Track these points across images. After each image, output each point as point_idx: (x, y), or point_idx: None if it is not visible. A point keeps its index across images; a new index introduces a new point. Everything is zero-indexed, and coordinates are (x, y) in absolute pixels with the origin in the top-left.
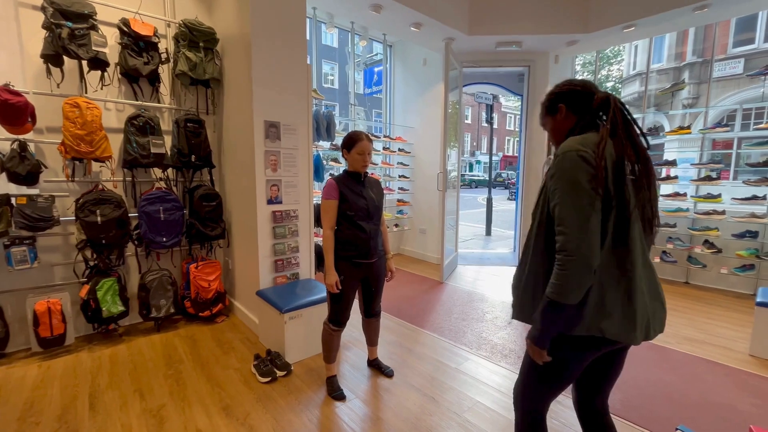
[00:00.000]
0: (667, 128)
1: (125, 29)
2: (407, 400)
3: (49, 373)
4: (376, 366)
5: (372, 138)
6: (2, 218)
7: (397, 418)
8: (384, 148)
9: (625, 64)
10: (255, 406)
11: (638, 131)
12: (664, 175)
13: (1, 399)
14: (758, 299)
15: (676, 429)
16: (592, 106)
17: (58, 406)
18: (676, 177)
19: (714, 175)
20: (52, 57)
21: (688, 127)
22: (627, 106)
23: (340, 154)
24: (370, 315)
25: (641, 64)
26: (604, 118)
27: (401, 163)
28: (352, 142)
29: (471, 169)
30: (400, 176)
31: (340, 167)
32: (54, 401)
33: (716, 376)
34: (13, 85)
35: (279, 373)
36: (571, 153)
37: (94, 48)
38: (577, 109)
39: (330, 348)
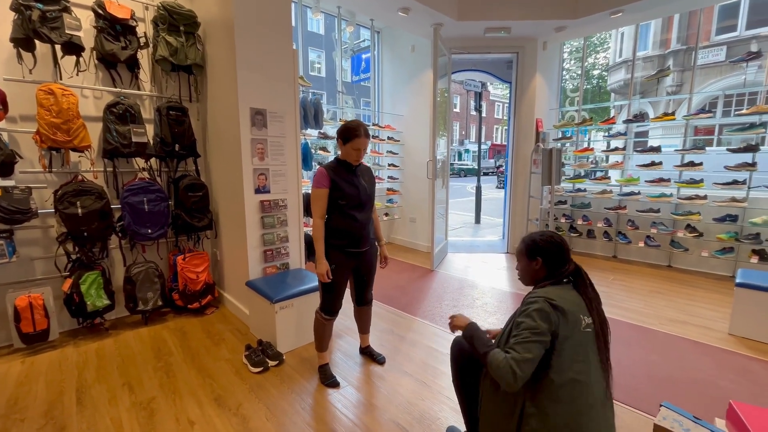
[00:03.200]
0: (652, 115)
1: (100, 12)
2: (400, 385)
3: (33, 369)
4: (368, 353)
5: (370, 133)
6: None
7: (390, 403)
8: (373, 137)
9: (611, 52)
10: (247, 396)
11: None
12: (648, 161)
13: None
14: (737, 280)
15: (661, 405)
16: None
17: (43, 402)
18: (660, 163)
19: (696, 161)
20: (23, 41)
21: (672, 114)
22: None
23: (329, 142)
24: (362, 303)
25: (627, 51)
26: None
27: (390, 152)
28: (349, 135)
29: (460, 158)
30: (389, 165)
31: (328, 156)
32: (39, 397)
33: (697, 354)
34: None
35: (271, 363)
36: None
37: (67, 31)
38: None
39: (322, 337)
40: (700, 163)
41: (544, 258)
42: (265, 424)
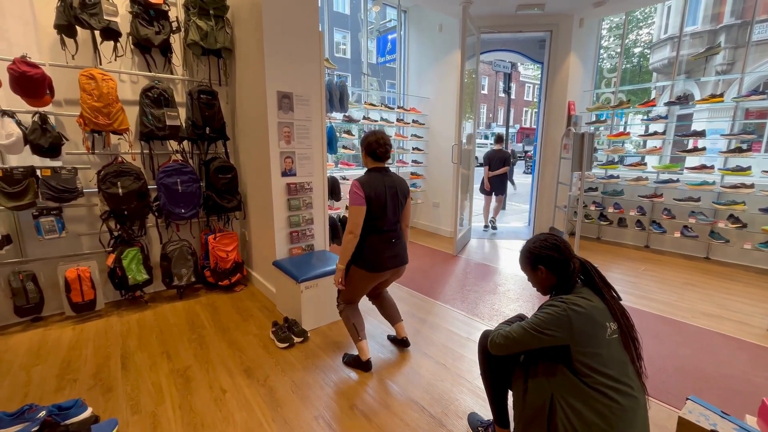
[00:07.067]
0: (698, 96)
1: None
2: (420, 366)
3: (82, 335)
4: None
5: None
6: (29, 190)
7: (410, 383)
8: (398, 120)
9: (655, 27)
10: (274, 369)
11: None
12: (691, 146)
13: (41, 358)
14: None
15: (687, 399)
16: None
17: (92, 365)
18: (703, 149)
19: (745, 146)
20: (65, 27)
21: (721, 95)
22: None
23: (354, 126)
24: None
25: (674, 27)
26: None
27: (415, 135)
28: None
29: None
30: (413, 149)
31: (353, 139)
32: (89, 361)
33: (731, 350)
34: (29, 57)
35: (296, 339)
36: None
37: (105, 17)
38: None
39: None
40: (749, 149)
41: (545, 265)
42: (291, 395)
